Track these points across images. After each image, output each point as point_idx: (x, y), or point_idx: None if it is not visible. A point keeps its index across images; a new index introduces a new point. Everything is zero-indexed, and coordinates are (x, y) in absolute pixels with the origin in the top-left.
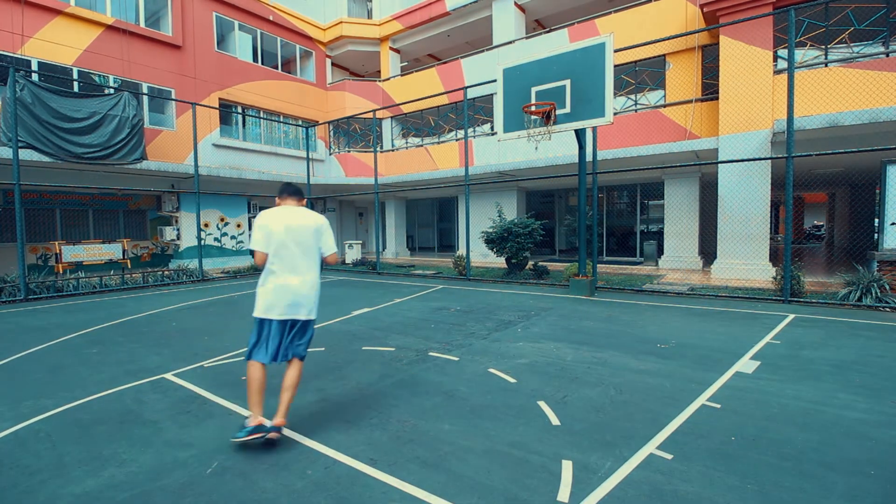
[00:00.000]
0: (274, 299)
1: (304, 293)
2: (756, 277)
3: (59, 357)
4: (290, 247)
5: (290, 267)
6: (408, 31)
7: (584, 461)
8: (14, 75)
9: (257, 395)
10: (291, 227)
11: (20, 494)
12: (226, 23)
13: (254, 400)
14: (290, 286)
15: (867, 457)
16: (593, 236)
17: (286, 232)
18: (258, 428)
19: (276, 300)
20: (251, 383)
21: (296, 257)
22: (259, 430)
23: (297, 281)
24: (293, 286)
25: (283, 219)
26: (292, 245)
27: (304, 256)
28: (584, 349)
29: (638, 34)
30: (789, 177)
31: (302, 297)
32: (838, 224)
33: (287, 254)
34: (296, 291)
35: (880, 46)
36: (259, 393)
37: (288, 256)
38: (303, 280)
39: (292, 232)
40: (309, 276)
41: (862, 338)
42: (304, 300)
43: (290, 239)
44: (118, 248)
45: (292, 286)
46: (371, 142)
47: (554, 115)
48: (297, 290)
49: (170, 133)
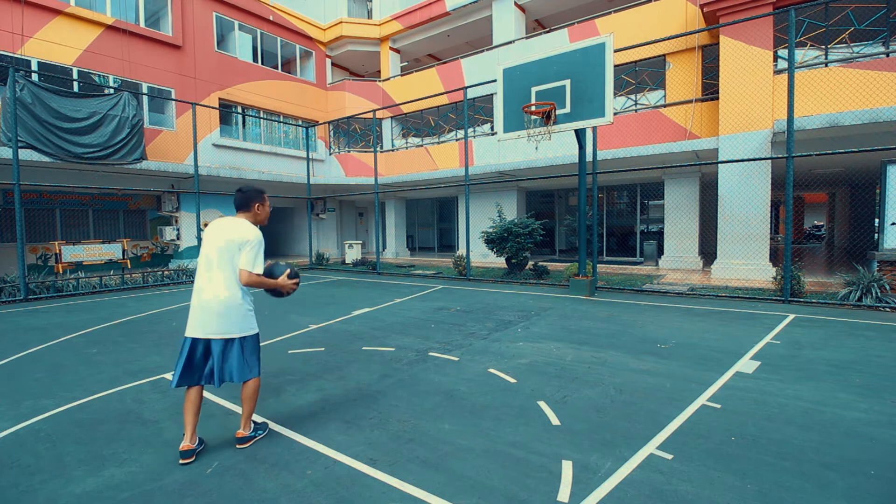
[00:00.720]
0: (191, 315)
1: (218, 311)
2: (756, 277)
3: (59, 357)
4: (211, 261)
5: (204, 282)
6: (408, 31)
7: (584, 461)
8: (14, 75)
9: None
10: (215, 240)
11: (20, 494)
12: (226, 23)
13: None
14: (203, 302)
15: (867, 457)
16: (593, 236)
17: (212, 246)
18: (183, 453)
19: (194, 318)
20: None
21: (212, 272)
22: (185, 455)
23: (210, 296)
24: (206, 302)
25: (213, 232)
26: (214, 259)
27: (221, 271)
28: (584, 349)
29: (638, 34)
30: (789, 177)
31: (216, 314)
32: (838, 224)
33: (203, 269)
34: (208, 308)
35: (880, 46)
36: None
37: (204, 271)
38: (215, 296)
39: (216, 245)
40: (224, 293)
41: (862, 338)
42: (219, 318)
43: (213, 253)
44: (118, 249)
45: (205, 302)
46: (371, 142)
47: (554, 115)
48: (210, 308)
49: (170, 133)
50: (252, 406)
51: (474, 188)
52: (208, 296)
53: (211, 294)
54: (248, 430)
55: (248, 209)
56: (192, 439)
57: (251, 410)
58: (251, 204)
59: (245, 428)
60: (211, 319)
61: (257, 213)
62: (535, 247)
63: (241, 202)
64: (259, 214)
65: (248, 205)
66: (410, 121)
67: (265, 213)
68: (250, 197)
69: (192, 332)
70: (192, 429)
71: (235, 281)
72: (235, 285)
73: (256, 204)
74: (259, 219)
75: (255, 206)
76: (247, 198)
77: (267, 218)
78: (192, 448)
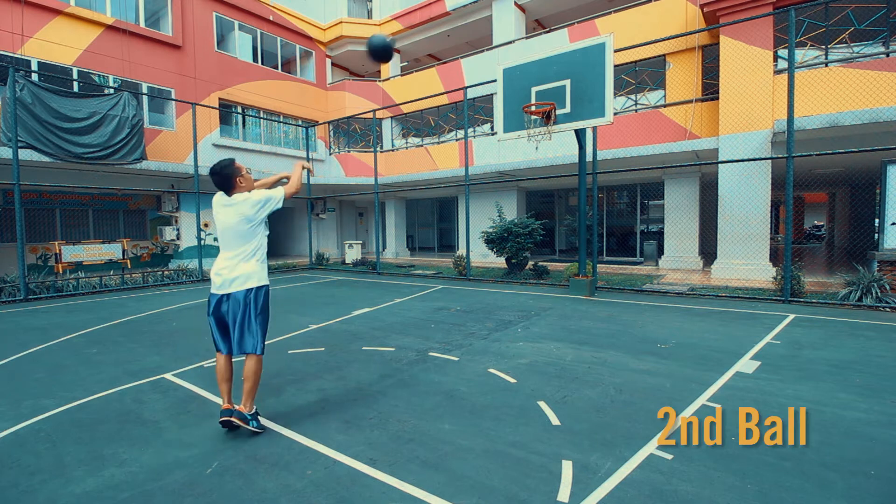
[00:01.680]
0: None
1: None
2: (756, 277)
3: (59, 357)
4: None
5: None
6: (408, 31)
7: (584, 461)
8: (14, 75)
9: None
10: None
11: (20, 494)
12: (226, 23)
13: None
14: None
15: (867, 457)
16: (593, 236)
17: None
18: (222, 412)
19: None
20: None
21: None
22: (223, 413)
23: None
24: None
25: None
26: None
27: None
28: (584, 349)
29: (638, 34)
30: (789, 177)
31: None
32: (838, 224)
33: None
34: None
35: (880, 46)
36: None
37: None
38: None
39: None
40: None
41: (862, 338)
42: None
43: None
44: (118, 248)
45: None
46: (371, 142)
47: (554, 115)
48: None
49: (170, 133)
50: (253, 384)
51: (474, 188)
52: (220, 267)
53: (223, 266)
54: (248, 408)
55: (233, 186)
56: (228, 402)
57: (252, 386)
58: (233, 180)
59: (246, 404)
60: (225, 279)
61: (242, 186)
62: (535, 247)
63: (223, 183)
64: (244, 185)
65: (230, 182)
66: (410, 121)
67: (249, 179)
68: (229, 175)
69: (213, 290)
70: (227, 395)
71: (248, 255)
72: (247, 259)
73: (237, 178)
74: (247, 188)
75: (237, 180)
76: (225, 177)
77: (252, 183)
78: (232, 408)
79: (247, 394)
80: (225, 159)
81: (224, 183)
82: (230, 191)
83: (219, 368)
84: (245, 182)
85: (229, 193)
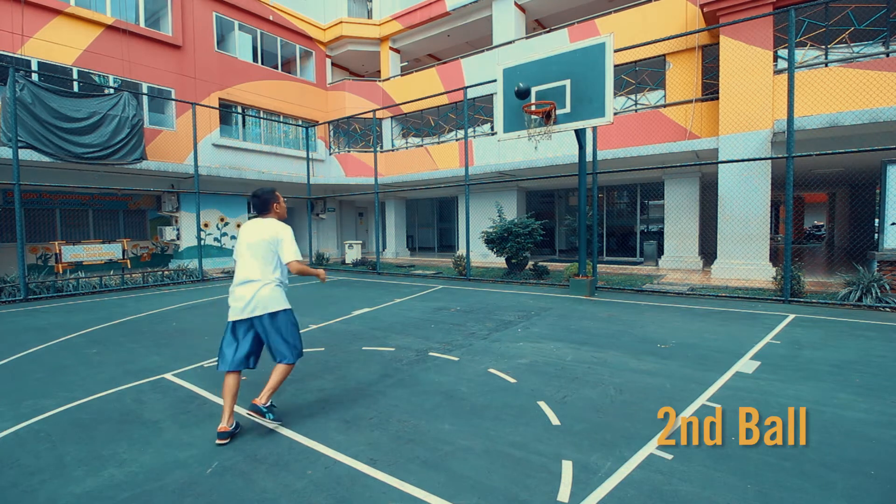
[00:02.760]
0: (230, 304)
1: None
2: (756, 277)
3: (59, 357)
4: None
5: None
6: (408, 31)
7: (584, 461)
8: (14, 75)
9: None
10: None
11: (20, 494)
12: (226, 23)
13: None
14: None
15: (867, 457)
16: (593, 236)
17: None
18: (220, 434)
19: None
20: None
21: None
22: (221, 436)
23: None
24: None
25: (246, 231)
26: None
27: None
28: (584, 349)
29: (638, 34)
30: (789, 177)
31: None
32: (838, 224)
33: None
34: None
35: (880, 46)
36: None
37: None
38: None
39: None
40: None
41: (862, 338)
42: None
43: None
44: (118, 248)
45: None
46: (371, 142)
47: (554, 115)
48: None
49: (170, 133)
50: (278, 381)
51: (474, 188)
52: (243, 286)
53: (245, 284)
54: (264, 401)
55: (269, 210)
56: (229, 421)
57: (276, 384)
58: (270, 205)
59: (263, 398)
60: (247, 302)
61: (277, 211)
62: (535, 247)
63: (262, 206)
64: (279, 211)
65: (268, 206)
66: (410, 121)
67: (283, 208)
68: (267, 199)
69: (232, 316)
70: (230, 412)
71: (270, 269)
72: (269, 273)
73: (274, 204)
74: (280, 215)
75: (273, 206)
76: (265, 201)
77: (286, 211)
78: (229, 430)
79: (270, 389)
80: (267, 187)
81: (263, 205)
82: (265, 214)
83: (229, 384)
84: (280, 209)
85: (264, 217)
